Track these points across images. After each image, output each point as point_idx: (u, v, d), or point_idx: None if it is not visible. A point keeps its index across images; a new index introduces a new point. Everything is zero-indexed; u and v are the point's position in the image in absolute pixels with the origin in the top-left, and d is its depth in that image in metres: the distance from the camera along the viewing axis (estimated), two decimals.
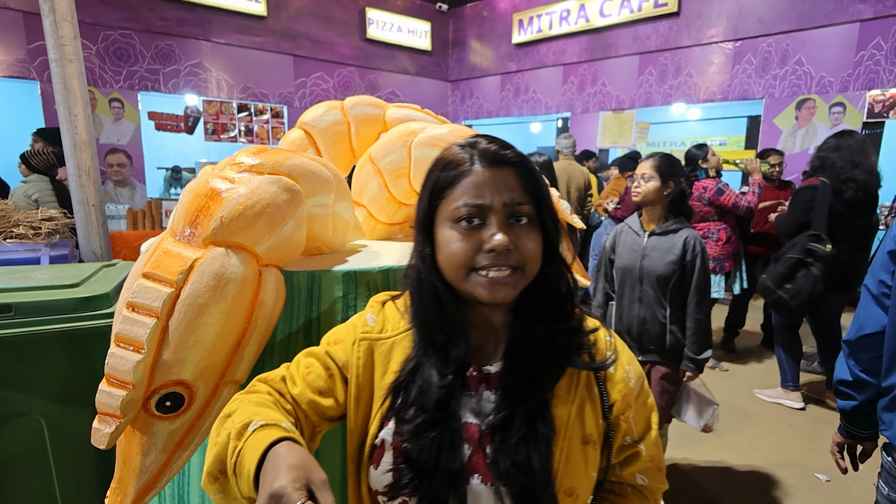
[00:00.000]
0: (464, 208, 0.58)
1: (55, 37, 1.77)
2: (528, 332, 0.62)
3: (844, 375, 1.13)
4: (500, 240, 0.57)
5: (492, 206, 0.58)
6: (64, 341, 1.26)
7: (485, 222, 0.58)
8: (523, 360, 0.62)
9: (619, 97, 5.99)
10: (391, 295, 0.73)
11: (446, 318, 0.62)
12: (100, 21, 5.02)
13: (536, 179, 0.61)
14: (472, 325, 0.65)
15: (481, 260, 0.57)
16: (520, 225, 0.59)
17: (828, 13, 4.46)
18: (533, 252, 0.59)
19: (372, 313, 0.70)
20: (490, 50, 7.18)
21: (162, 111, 5.79)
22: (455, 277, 0.60)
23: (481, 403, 0.62)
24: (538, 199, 0.60)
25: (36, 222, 2.32)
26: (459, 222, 0.59)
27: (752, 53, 4.95)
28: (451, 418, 0.60)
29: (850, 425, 1.16)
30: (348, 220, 1.04)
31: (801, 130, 4.74)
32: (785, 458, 2.34)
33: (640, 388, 0.67)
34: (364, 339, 0.66)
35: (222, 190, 0.74)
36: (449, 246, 0.59)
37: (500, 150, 0.61)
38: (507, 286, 0.58)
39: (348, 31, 6.68)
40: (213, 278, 0.68)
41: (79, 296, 1.31)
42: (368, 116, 1.33)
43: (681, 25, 5.40)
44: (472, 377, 0.64)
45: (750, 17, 4.92)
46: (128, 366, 0.64)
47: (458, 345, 0.62)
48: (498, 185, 0.58)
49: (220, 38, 5.73)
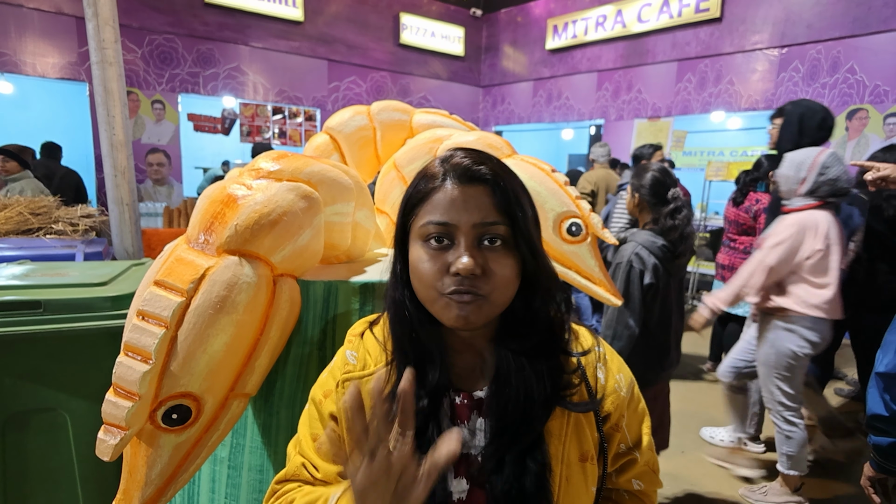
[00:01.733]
0: (431, 226, 0.55)
1: (97, 40, 1.82)
2: (512, 363, 0.58)
3: (879, 410, 1.06)
4: (464, 263, 0.52)
5: (459, 225, 0.54)
6: (91, 339, 1.28)
7: (453, 243, 0.55)
8: (509, 395, 0.57)
9: (654, 104, 5.82)
10: (368, 322, 0.69)
11: (419, 339, 0.59)
12: (146, 26, 5.22)
13: (511, 198, 0.56)
14: (454, 349, 0.61)
15: (447, 283, 0.54)
16: (492, 248, 0.55)
17: (885, 18, 4.21)
18: (504, 278, 0.55)
19: (351, 349, 0.66)
20: (523, 55, 7.12)
21: (200, 113, 5.98)
22: (425, 298, 0.57)
23: (475, 433, 0.59)
24: (513, 220, 0.55)
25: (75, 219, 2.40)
26: (428, 241, 0.55)
27: (799, 60, 4.72)
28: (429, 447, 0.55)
29: (885, 461, 1.09)
30: (369, 229, 1.01)
31: (851, 142, 4.48)
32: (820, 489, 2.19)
33: (631, 394, 0.66)
34: (347, 380, 0.62)
35: (239, 196, 0.72)
36: (417, 266, 0.56)
37: (473, 166, 0.56)
38: (472, 313, 0.54)
39: (382, 37, 6.75)
40: (224, 288, 0.66)
41: (106, 294, 1.32)
42: (395, 122, 1.31)
43: (723, 31, 5.20)
44: (462, 405, 0.60)
45: (798, 22, 4.69)
46: (135, 376, 0.62)
47: (433, 367, 0.58)
48: (467, 203, 0.54)
49: (257, 43, 5.87)
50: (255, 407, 0.87)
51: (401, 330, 0.60)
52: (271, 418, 0.85)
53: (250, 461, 0.87)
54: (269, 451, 0.86)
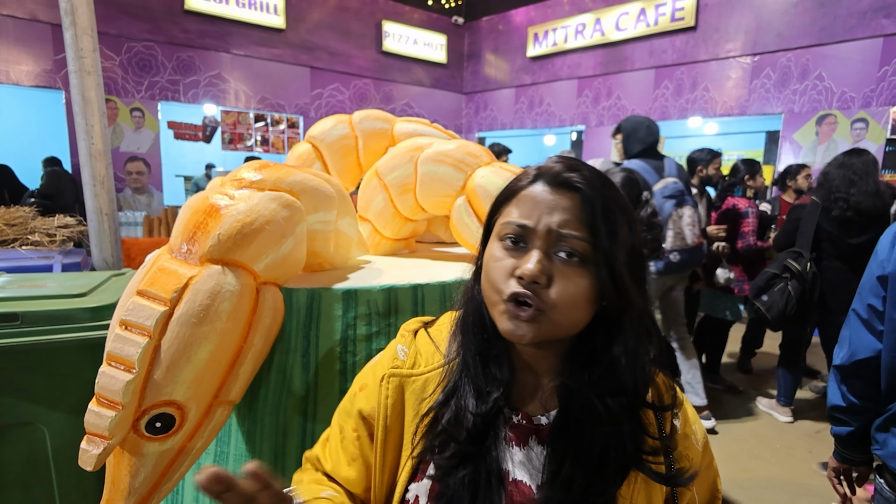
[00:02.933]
0: (509, 226, 0.52)
1: (75, 49, 1.81)
2: (584, 408, 0.52)
3: (837, 401, 1.12)
4: (529, 269, 0.48)
5: (535, 229, 0.50)
6: (70, 351, 1.26)
7: (527, 246, 0.51)
8: (581, 442, 0.51)
9: (634, 111, 5.94)
10: (423, 322, 0.66)
11: (488, 336, 0.56)
12: (124, 33, 5.16)
13: (600, 214, 0.50)
14: (516, 367, 0.57)
15: (511, 286, 0.50)
16: (566, 261, 0.50)
17: (850, 28, 4.38)
18: (569, 295, 0.49)
19: (403, 344, 0.63)
20: (505, 63, 7.21)
21: (181, 121, 5.91)
22: (488, 301, 0.54)
23: (532, 461, 0.54)
24: (596, 238, 0.49)
25: (52, 229, 2.35)
26: (504, 240, 0.53)
27: (770, 68, 4.88)
28: (488, 456, 0.53)
29: (846, 451, 1.14)
30: (351, 237, 1.02)
31: (821, 146, 4.64)
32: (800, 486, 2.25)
33: (704, 449, 0.60)
34: (394, 375, 0.59)
35: (221, 206, 0.73)
36: (488, 264, 0.53)
37: (565, 171, 0.52)
38: (527, 325, 0.49)
39: (365, 44, 6.77)
40: (207, 297, 0.67)
41: (86, 305, 1.31)
42: (376, 131, 1.32)
43: (697, 40, 5.35)
44: (520, 427, 0.56)
45: (769, 31, 4.85)
46: (118, 385, 0.62)
47: (501, 365, 0.55)
48: (551, 207, 0.50)
49: (239, 50, 5.84)
50: (239, 415, 0.87)
51: (474, 327, 0.56)
52: (255, 425, 0.86)
53: (234, 469, 0.87)
54: (254, 459, 0.86)
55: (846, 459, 1.14)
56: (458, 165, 1.06)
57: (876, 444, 1.06)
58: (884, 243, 1.06)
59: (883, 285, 1.03)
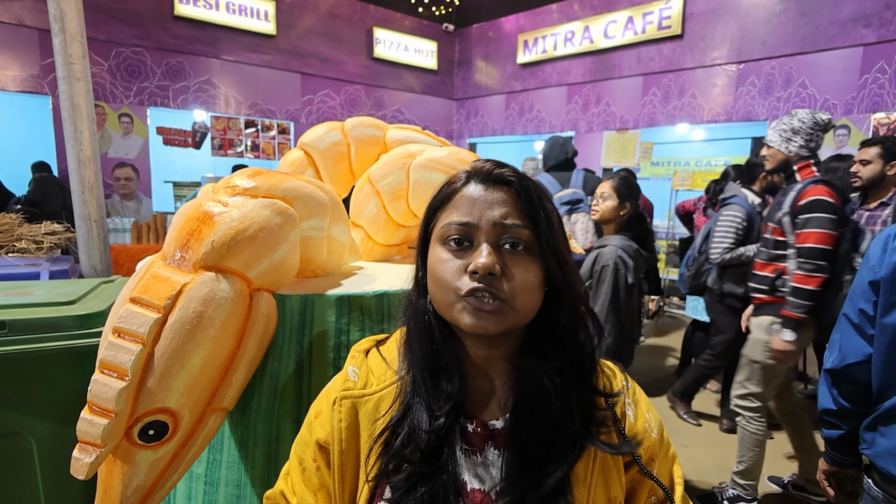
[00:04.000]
0: (452, 227, 0.53)
1: (64, 55, 1.80)
2: (535, 389, 0.53)
3: (828, 405, 1.13)
4: (483, 261, 0.50)
5: (479, 225, 0.52)
6: (58, 360, 1.25)
7: (472, 244, 0.53)
8: (532, 427, 0.53)
9: (622, 117, 6.02)
10: (375, 340, 0.66)
11: (437, 348, 0.56)
12: (113, 38, 5.13)
13: (536, 203, 0.53)
14: (469, 375, 0.58)
15: (466, 283, 0.51)
16: (513, 251, 0.52)
17: (831, 37, 4.48)
18: (525, 283, 0.51)
19: (354, 366, 0.62)
20: (495, 69, 7.27)
21: (170, 126, 5.87)
22: (441, 303, 0.54)
23: (488, 467, 0.55)
24: (536, 225, 0.53)
25: (39, 236, 2.33)
26: (448, 242, 0.54)
27: (755, 76, 4.98)
28: (443, 473, 0.53)
29: (836, 454, 1.16)
30: (344, 243, 1.03)
31: None
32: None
33: (661, 437, 0.61)
34: (346, 398, 0.58)
35: (215, 213, 0.74)
36: (435, 268, 0.54)
37: (496, 169, 0.55)
38: (491, 315, 0.50)
39: (356, 50, 6.79)
40: (201, 304, 0.67)
41: (75, 313, 1.30)
42: (368, 137, 1.33)
43: (684, 47, 5.44)
44: (475, 434, 0.56)
45: (753, 40, 4.95)
46: (111, 393, 0.62)
47: (451, 378, 0.55)
48: (490, 203, 0.53)
49: (229, 56, 5.83)
50: (232, 421, 0.87)
51: (420, 340, 0.57)
52: (248, 432, 0.86)
53: (227, 476, 0.87)
54: (247, 466, 0.86)
55: (836, 462, 1.16)
56: (449, 172, 1.07)
57: (864, 444, 1.08)
58: (875, 248, 1.07)
59: (874, 290, 1.04)
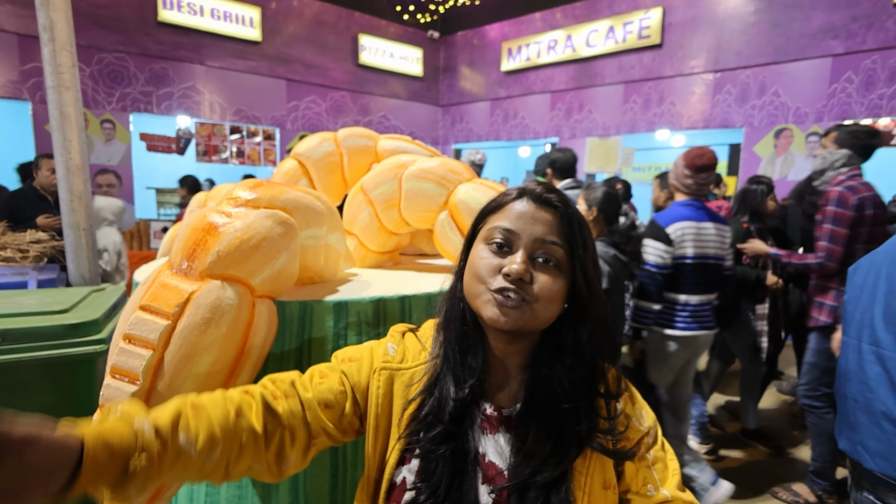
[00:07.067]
0: (497, 231, 0.61)
1: (53, 64, 1.80)
2: (544, 389, 0.61)
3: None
4: (516, 267, 0.58)
5: (521, 235, 0.60)
6: (52, 368, 1.26)
7: (512, 250, 0.60)
8: (541, 424, 0.61)
9: (604, 123, 6.15)
10: (409, 327, 0.75)
11: (467, 329, 0.64)
12: (95, 44, 5.08)
13: (575, 229, 0.61)
14: (490, 361, 0.65)
15: (497, 281, 0.59)
16: (545, 265, 0.60)
17: (801, 48, 4.67)
18: (549, 291, 0.59)
19: (392, 343, 0.71)
20: (480, 76, 7.36)
21: (153, 132, 5.82)
22: (471, 292, 0.62)
23: (501, 446, 0.62)
24: (572, 247, 0.60)
25: (24, 245, 2.31)
26: (490, 244, 0.61)
27: (731, 84, 5.14)
28: (466, 437, 0.61)
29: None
30: (340, 251, 1.07)
31: (779, 158, 4.90)
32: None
33: (655, 438, 0.67)
34: (385, 369, 0.67)
35: (219, 224, 0.77)
36: (475, 262, 0.62)
37: (546, 193, 0.63)
38: (512, 312, 0.58)
39: (341, 57, 6.82)
40: (209, 310, 0.71)
41: (68, 322, 1.31)
42: (361, 148, 1.37)
43: (663, 56, 5.60)
44: (492, 416, 0.64)
45: (729, 49, 5.12)
46: (123, 397, 0.65)
47: (476, 355, 0.64)
48: (534, 219, 0.61)
49: (214, 62, 5.81)
50: None
51: (454, 321, 0.65)
52: None
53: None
54: None
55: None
56: (440, 182, 1.12)
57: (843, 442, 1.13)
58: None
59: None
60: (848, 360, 1.23)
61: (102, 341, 1.31)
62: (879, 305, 1.13)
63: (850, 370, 1.22)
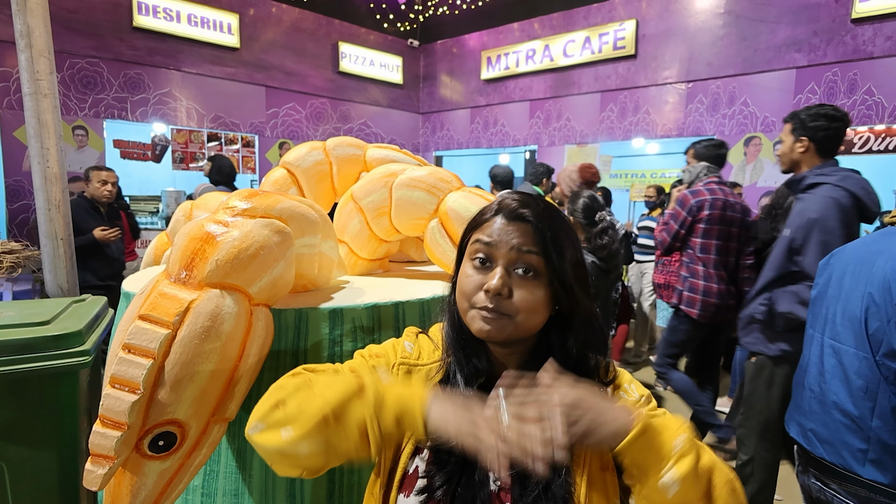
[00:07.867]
0: (478, 244, 0.65)
1: (30, 71, 1.77)
2: None
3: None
4: (494, 283, 0.61)
5: (498, 247, 0.64)
6: (33, 381, 1.23)
7: (493, 265, 0.64)
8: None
9: (582, 131, 6.29)
10: (420, 330, 0.80)
11: (465, 337, 0.69)
12: (67, 49, 4.95)
13: (549, 238, 0.63)
14: (493, 362, 0.69)
15: (480, 298, 0.63)
16: (523, 276, 0.63)
17: (767, 60, 4.87)
18: (527, 302, 0.62)
19: (409, 341, 0.76)
20: (460, 84, 7.44)
21: (128, 139, 5.70)
22: (461, 308, 0.66)
23: None
24: (547, 256, 0.63)
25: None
26: (474, 259, 0.65)
27: (703, 94, 5.33)
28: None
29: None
30: (333, 259, 1.08)
31: (749, 165, 5.09)
32: None
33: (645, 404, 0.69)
34: (403, 363, 0.72)
35: (217, 234, 0.78)
36: (461, 280, 0.66)
37: (520, 208, 0.66)
38: (493, 325, 0.62)
39: (321, 64, 6.81)
40: (208, 319, 0.71)
41: (50, 333, 1.28)
42: (349, 157, 1.39)
43: (638, 67, 5.76)
44: None
45: (700, 60, 5.31)
46: (123, 406, 0.65)
47: (479, 357, 0.68)
48: (510, 233, 0.64)
49: (191, 69, 5.73)
50: (229, 432, 0.90)
51: (452, 332, 0.70)
52: (245, 443, 0.89)
53: (224, 486, 0.89)
54: (244, 476, 0.89)
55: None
56: (430, 190, 1.14)
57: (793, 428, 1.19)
58: None
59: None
60: (810, 353, 1.29)
61: (86, 353, 1.29)
62: (842, 302, 1.19)
63: (811, 362, 1.28)
